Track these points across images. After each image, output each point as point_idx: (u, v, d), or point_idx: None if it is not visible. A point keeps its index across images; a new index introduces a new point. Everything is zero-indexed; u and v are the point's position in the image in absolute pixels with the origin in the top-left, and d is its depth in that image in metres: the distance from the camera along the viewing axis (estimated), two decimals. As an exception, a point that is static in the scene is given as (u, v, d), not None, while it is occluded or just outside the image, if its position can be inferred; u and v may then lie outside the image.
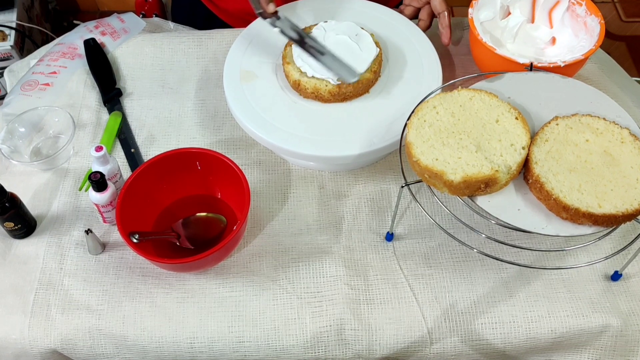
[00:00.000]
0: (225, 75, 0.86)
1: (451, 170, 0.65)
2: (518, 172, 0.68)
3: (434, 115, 0.71)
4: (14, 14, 1.73)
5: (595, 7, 0.87)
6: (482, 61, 0.90)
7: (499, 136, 0.68)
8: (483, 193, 0.67)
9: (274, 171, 0.87)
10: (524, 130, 0.69)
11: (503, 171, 0.65)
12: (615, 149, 0.69)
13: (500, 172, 0.65)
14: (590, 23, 0.87)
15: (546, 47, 0.91)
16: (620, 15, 2.18)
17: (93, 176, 0.74)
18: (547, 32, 0.91)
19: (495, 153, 0.67)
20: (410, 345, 0.73)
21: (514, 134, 0.69)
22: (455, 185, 0.65)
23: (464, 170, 0.65)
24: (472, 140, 0.68)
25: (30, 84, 0.95)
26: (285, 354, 0.73)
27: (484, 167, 0.65)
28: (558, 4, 0.90)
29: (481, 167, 0.65)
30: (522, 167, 0.68)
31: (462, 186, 0.65)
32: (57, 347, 0.73)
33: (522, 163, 0.68)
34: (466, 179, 0.65)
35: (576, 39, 0.88)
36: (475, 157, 0.66)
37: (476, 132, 0.69)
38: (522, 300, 0.75)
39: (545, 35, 0.91)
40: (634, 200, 0.65)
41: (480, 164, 0.66)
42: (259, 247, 0.80)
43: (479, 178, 0.65)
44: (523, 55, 0.87)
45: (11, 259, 0.79)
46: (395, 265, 0.78)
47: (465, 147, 0.68)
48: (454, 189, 0.66)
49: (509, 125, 0.69)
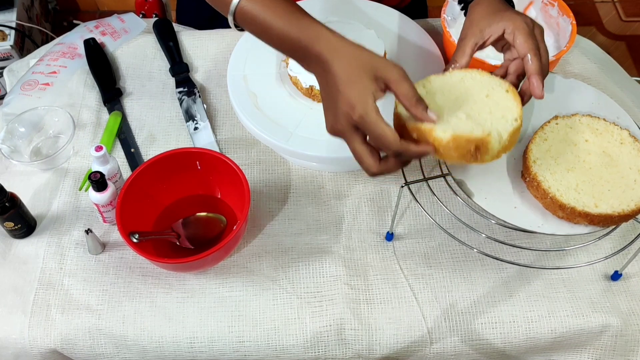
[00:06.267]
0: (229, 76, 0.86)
1: (441, 128, 0.61)
2: (510, 144, 0.64)
3: (423, 92, 0.67)
4: (14, 14, 1.73)
5: (567, 8, 0.87)
6: None
7: (489, 109, 0.65)
8: (473, 160, 0.63)
9: (274, 171, 0.87)
10: (515, 102, 0.65)
11: (494, 137, 0.62)
12: (614, 149, 0.69)
13: (492, 137, 0.62)
14: (562, 24, 0.87)
15: None
16: (620, 15, 2.18)
17: (93, 176, 0.74)
18: None
19: (486, 122, 0.64)
20: (410, 345, 0.73)
21: (505, 106, 0.65)
22: (444, 144, 0.61)
23: (454, 129, 0.61)
24: (463, 112, 0.65)
25: (30, 83, 0.95)
26: (285, 354, 0.73)
27: (475, 130, 0.62)
28: (531, 4, 0.90)
29: (472, 130, 0.62)
30: (515, 141, 0.65)
31: (451, 146, 0.61)
32: (57, 347, 0.73)
33: (515, 135, 0.64)
34: (456, 137, 0.61)
35: (549, 40, 0.88)
36: (465, 123, 0.63)
37: (467, 107, 0.66)
38: (522, 300, 0.75)
39: None
40: (631, 201, 0.65)
41: (471, 128, 0.63)
42: (259, 247, 0.80)
43: (470, 138, 0.61)
44: (495, 56, 0.86)
45: (11, 258, 0.79)
46: (395, 265, 0.78)
47: (455, 116, 0.64)
48: (442, 150, 0.62)
49: (499, 98, 0.66)
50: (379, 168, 0.63)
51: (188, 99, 0.93)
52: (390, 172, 0.64)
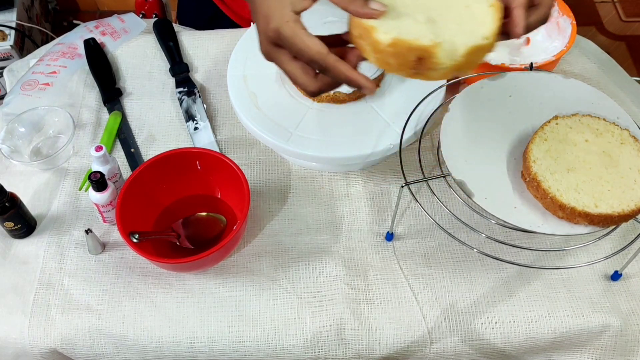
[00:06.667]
0: (229, 76, 0.86)
1: (384, 29, 0.53)
2: (468, 64, 0.55)
3: None
4: (14, 14, 1.73)
5: (567, 8, 0.87)
6: None
7: (460, 19, 0.56)
8: (415, 74, 0.54)
9: (274, 171, 0.87)
10: (493, 19, 0.56)
11: (445, 49, 0.52)
12: (615, 149, 0.69)
13: (441, 50, 0.52)
14: (563, 24, 0.87)
15: (520, 48, 0.90)
16: (620, 15, 2.18)
17: (93, 176, 0.74)
18: None
19: (446, 32, 0.54)
20: (410, 345, 0.73)
21: (480, 21, 0.56)
22: (382, 49, 0.53)
23: (399, 32, 0.53)
24: (426, 15, 0.55)
25: (30, 83, 0.95)
26: (285, 354, 0.73)
27: (424, 38, 0.53)
28: None
29: (420, 37, 0.53)
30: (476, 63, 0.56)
31: (390, 52, 0.53)
32: (57, 347, 0.73)
33: (477, 54, 0.55)
34: (396, 42, 0.52)
35: (549, 40, 0.88)
36: (418, 27, 0.54)
37: (434, 11, 0.56)
38: (522, 300, 0.75)
39: None
40: (631, 201, 0.65)
41: (421, 34, 0.53)
42: (259, 247, 0.80)
43: (411, 46, 0.52)
44: (497, 57, 0.87)
45: (11, 259, 0.79)
46: (395, 265, 0.78)
47: (412, 17, 0.55)
48: (379, 55, 0.54)
49: (478, 11, 0.56)
50: (316, 85, 0.57)
51: (188, 99, 0.93)
52: (331, 88, 0.58)
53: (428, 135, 0.90)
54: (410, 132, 0.79)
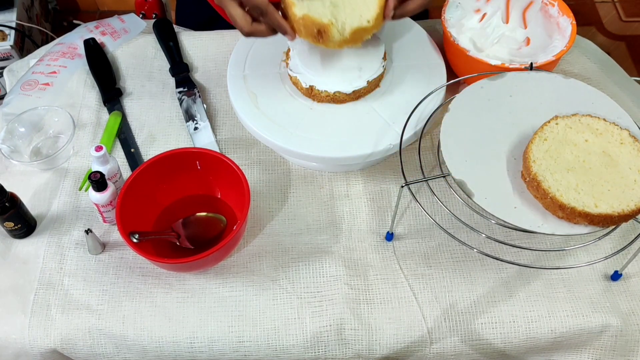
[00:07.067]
0: (229, 76, 0.86)
1: (299, 6, 0.73)
2: (353, 39, 0.75)
3: None
4: (14, 14, 1.73)
5: (567, 8, 0.87)
6: (456, 64, 0.90)
7: (355, 5, 0.75)
8: (319, 42, 0.74)
9: (274, 171, 0.87)
10: (376, 6, 0.75)
11: (337, 27, 0.73)
12: (614, 149, 0.69)
13: (334, 28, 0.73)
14: (563, 23, 0.87)
15: (520, 48, 0.90)
16: (620, 15, 2.18)
17: (93, 176, 0.74)
18: (521, 32, 0.90)
19: (342, 14, 0.74)
20: (410, 345, 0.73)
21: (368, 7, 0.75)
22: (296, 20, 0.73)
23: (308, 10, 0.73)
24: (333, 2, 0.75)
25: (30, 83, 0.95)
26: (285, 354, 0.73)
27: (325, 17, 0.73)
28: (531, 5, 0.90)
29: (322, 16, 0.73)
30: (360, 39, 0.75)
31: (301, 23, 0.73)
32: (57, 346, 0.73)
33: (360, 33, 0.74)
34: (305, 17, 0.73)
35: (549, 40, 0.88)
36: (323, 9, 0.74)
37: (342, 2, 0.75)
38: (522, 300, 0.75)
39: (519, 35, 0.90)
40: (631, 201, 0.65)
41: (323, 14, 0.73)
42: (259, 247, 0.80)
43: (314, 22, 0.73)
44: (497, 57, 0.87)
45: (11, 259, 0.79)
46: (395, 265, 0.78)
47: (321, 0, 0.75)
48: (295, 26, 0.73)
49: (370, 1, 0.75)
50: (250, 28, 0.73)
51: (188, 99, 0.93)
52: (261, 34, 0.74)
53: (428, 135, 0.90)
54: (410, 132, 0.79)
